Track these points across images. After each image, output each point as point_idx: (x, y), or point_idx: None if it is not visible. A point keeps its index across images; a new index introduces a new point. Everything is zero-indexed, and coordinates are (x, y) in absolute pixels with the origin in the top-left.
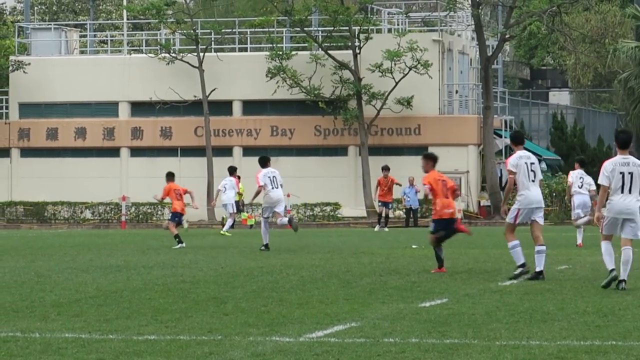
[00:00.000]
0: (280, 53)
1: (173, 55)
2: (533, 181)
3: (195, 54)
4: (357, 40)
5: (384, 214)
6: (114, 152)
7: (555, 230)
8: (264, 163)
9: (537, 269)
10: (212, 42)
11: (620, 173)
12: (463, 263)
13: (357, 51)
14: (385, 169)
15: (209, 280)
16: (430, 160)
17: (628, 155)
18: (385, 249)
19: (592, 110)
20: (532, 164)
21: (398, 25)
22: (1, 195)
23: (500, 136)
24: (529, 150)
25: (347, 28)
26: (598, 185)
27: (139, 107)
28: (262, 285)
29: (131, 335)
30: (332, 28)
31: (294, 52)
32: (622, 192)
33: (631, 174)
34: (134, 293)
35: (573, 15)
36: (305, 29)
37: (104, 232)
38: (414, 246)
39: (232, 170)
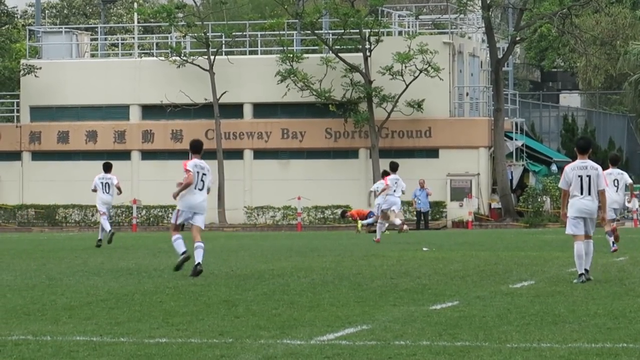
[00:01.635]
0: (291, 56)
1: (184, 58)
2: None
3: (206, 57)
4: (367, 42)
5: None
6: (124, 155)
7: (562, 232)
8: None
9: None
10: (223, 45)
11: (579, 176)
12: (474, 265)
13: (368, 54)
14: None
15: (220, 283)
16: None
17: (586, 160)
18: (396, 251)
19: (602, 113)
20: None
21: (408, 27)
22: (12, 198)
23: (511, 138)
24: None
25: (358, 31)
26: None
27: (150, 110)
28: (273, 288)
29: (142, 339)
30: (343, 31)
31: (304, 55)
32: (582, 193)
33: (589, 176)
34: (145, 296)
35: (583, 18)
36: (316, 31)
37: (115, 235)
38: (424, 249)
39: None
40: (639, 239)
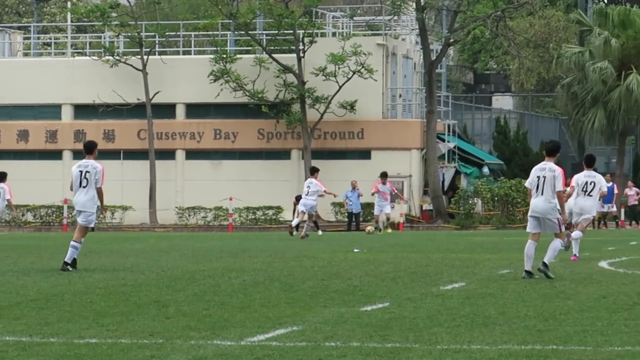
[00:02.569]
0: (224, 56)
1: (117, 58)
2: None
3: (139, 56)
4: (301, 43)
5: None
6: (56, 154)
7: (497, 234)
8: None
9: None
10: (156, 45)
11: (537, 177)
12: (405, 267)
13: (301, 55)
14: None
15: (150, 284)
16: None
17: (547, 162)
18: (327, 252)
19: (535, 115)
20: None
21: (342, 29)
22: None
23: (443, 140)
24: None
25: (292, 31)
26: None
27: (82, 110)
28: (203, 289)
29: (72, 339)
30: (277, 31)
31: (238, 56)
32: (537, 193)
33: (545, 177)
34: (75, 296)
35: (517, 20)
36: (250, 32)
37: (45, 235)
38: (355, 250)
39: None
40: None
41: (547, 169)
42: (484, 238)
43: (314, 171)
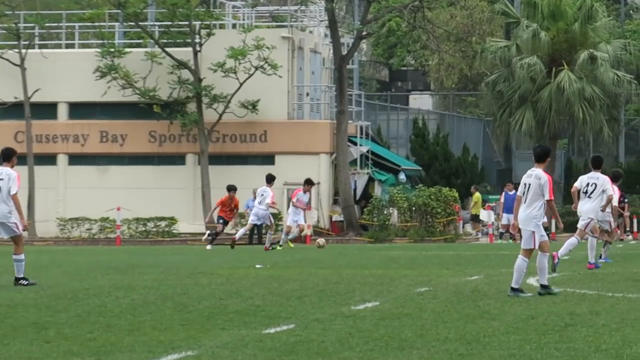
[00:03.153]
0: (112, 50)
1: None
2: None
3: (17, 50)
4: (197, 36)
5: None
6: None
7: (415, 248)
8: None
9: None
10: (36, 38)
11: (524, 184)
12: (313, 285)
13: (198, 49)
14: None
15: (28, 304)
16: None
17: (535, 169)
18: (225, 268)
19: (456, 116)
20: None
21: (244, 20)
22: None
23: (355, 144)
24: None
25: (187, 23)
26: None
27: None
28: (88, 309)
29: None
30: (171, 23)
31: (127, 50)
32: (525, 202)
33: (530, 185)
34: None
35: (437, 11)
36: (140, 23)
37: None
38: (257, 266)
39: None
40: (494, 256)
41: (533, 176)
42: (401, 252)
43: (271, 179)
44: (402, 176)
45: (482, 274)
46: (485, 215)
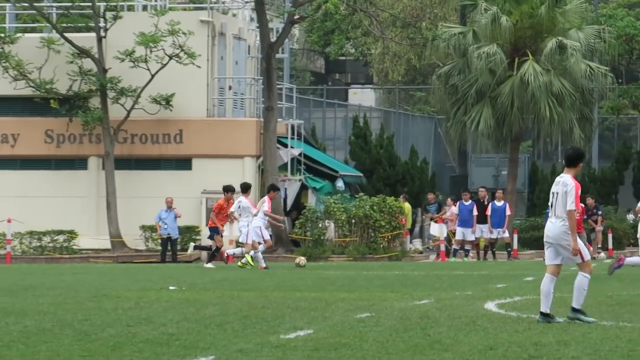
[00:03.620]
0: (2, 35)
1: None
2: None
3: None
4: (102, 20)
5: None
6: None
7: (355, 267)
8: None
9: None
10: None
11: (552, 193)
12: (235, 310)
13: (103, 34)
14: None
15: None
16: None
17: (564, 174)
18: (134, 290)
19: (403, 114)
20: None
21: (156, 1)
22: None
23: (286, 146)
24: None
25: (90, 4)
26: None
27: None
28: None
29: None
30: (71, 4)
31: (19, 35)
32: (555, 215)
33: (557, 194)
34: None
35: None
36: (35, 4)
37: None
38: (171, 288)
39: None
40: (445, 276)
41: (560, 183)
42: (338, 272)
43: (246, 188)
44: (339, 183)
45: (432, 297)
46: (436, 229)
